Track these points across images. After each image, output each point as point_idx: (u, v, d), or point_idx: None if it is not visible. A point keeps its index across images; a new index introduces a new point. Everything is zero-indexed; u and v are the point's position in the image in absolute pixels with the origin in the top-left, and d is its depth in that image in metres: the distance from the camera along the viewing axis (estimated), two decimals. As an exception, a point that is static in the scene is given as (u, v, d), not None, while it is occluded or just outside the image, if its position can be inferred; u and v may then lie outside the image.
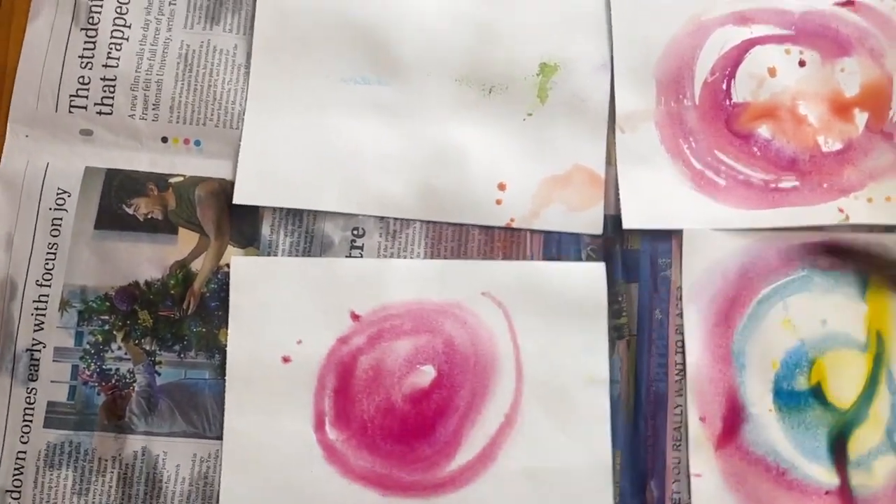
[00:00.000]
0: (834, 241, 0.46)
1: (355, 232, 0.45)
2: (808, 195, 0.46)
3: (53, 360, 0.43)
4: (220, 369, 0.43)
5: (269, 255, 0.44)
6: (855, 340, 0.45)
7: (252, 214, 0.45)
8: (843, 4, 0.49)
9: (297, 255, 0.44)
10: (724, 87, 0.47)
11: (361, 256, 0.45)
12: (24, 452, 0.42)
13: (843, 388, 0.45)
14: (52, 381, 0.43)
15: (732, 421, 0.44)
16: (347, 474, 0.42)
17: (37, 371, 0.43)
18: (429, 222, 0.45)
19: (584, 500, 0.43)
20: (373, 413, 0.43)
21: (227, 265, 0.44)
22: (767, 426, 0.44)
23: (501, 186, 0.46)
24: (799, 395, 0.45)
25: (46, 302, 0.43)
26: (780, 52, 0.48)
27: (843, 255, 0.46)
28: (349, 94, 0.46)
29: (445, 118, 0.46)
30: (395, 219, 0.45)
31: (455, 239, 0.45)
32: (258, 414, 0.43)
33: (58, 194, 0.44)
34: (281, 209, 0.45)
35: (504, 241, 0.45)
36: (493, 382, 0.44)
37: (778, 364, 0.45)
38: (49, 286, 0.43)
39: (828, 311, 0.45)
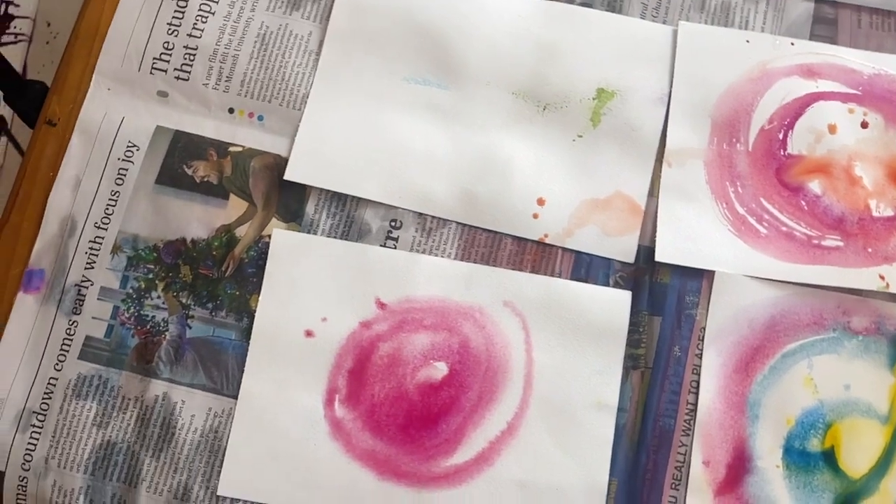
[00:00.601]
0: (871, 307, 0.44)
1: (393, 223, 0.46)
2: (850, 257, 0.45)
3: (98, 298, 0.45)
4: (246, 333, 0.45)
5: (309, 232, 0.46)
6: (876, 411, 0.44)
7: (299, 192, 0.46)
8: (916, 71, 0.48)
9: (335, 237, 0.46)
10: (781, 136, 0.47)
11: (395, 248, 0.46)
12: (56, 379, 0.45)
13: (857, 457, 0.43)
14: (93, 318, 0.45)
15: (737, 470, 0.43)
16: (348, 452, 0.43)
17: (81, 305, 0.45)
18: (464, 225, 0.46)
19: (573, 521, 0.43)
20: (382, 398, 0.44)
21: (269, 236, 0.46)
22: (772, 482, 0.43)
23: (540, 201, 0.46)
24: (810, 456, 0.43)
25: (101, 244, 0.46)
26: (844, 111, 0.47)
27: (877, 323, 0.45)
28: (408, 93, 0.48)
29: (497, 128, 0.47)
30: (433, 217, 0.46)
31: (487, 245, 0.46)
32: (274, 381, 0.44)
33: (127, 147, 0.47)
34: (327, 191, 0.46)
35: (535, 255, 0.46)
36: (502, 389, 0.44)
37: (793, 421, 0.44)
38: (106, 229, 0.46)
39: (853, 377, 0.44)
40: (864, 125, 0.47)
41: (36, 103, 0.61)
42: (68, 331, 0.45)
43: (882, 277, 0.45)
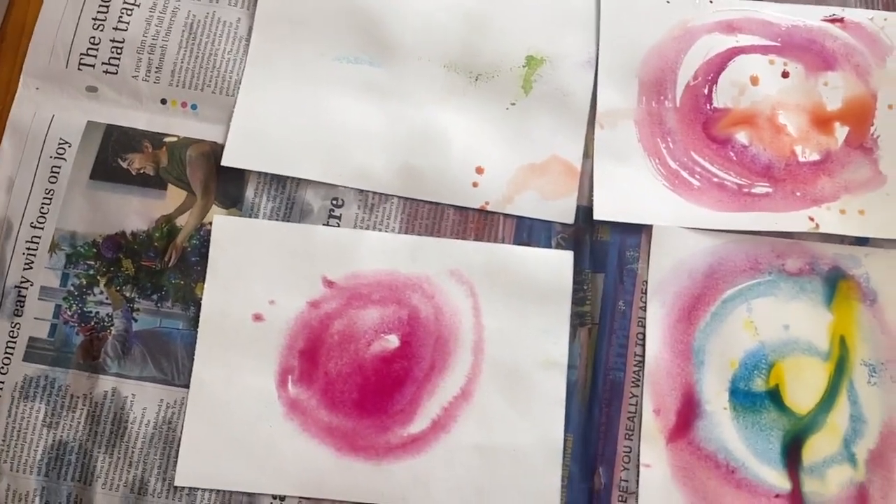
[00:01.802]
0: (803, 248, 0.45)
1: (334, 202, 0.46)
2: (780, 202, 0.46)
3: (39, 299, 0.44)
4: (194, 321, 0.44)
5: (250, 216, 0.45)
6: (816, 348, 0.44)
7: (238, 177, 0.46)
8: (831, 21, 0.49)
9: (277, 220, 0.45)
10: (706, 91, 0.48)
11: (339, 226, 0.45)
12: (2, 383, 0.43)
13: (802, 393, 0.44)
14: (35, 318, 0.44)
15: (686, 416, 0.44)
16: (305, 431, 0.43)
17: (22, 307, 0.44)
18: (406, 199, 0.46)
19: (533, 480, 0.42)
20: (335, 375, 0.44)
21: (210, 223, 0.45)
22: (721, 424, 0.44)
23: (479, 170, 0.46)
24: (755, 396, 0.44)
25: (38, 243, 0.45)
26: (765, 63, 0.48)
27: (811, 264, 0.45)
28: (341, 73, 0.47)
29: (431, 102, 0.47)
30: (374, 193, 0.46)
31: (430, 217, 0.46)
32: (225, 367, 0.43)
33: (59, 144, 0.46)
34: (266, 174, 0.46)
35: (477, 223, 0.46)
36: (454, 356, 0.44)
37: (737, 364, 0.44)
38: (42, 228, 0.45)
39: (791, 317, 0.45)
40: (785, 75, 0.48)
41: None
42: (11, 333, 0.44)
43: (812, 219, 0.46)
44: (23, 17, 0.48)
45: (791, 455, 0.43)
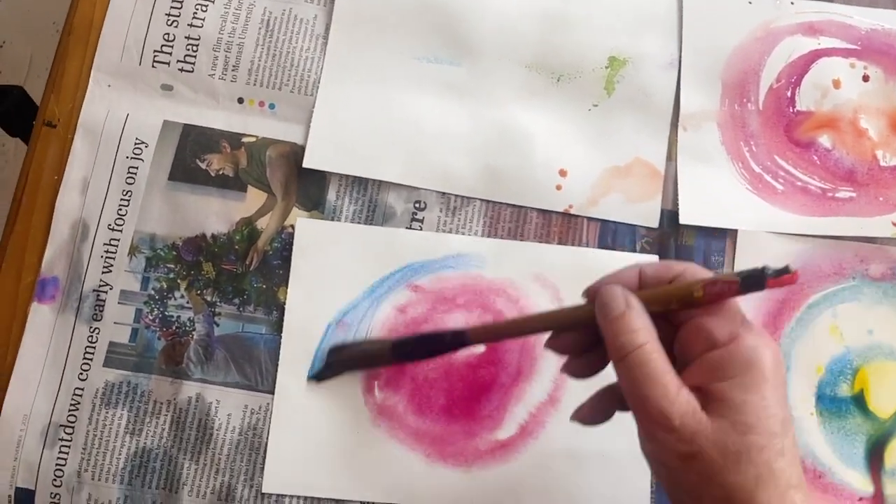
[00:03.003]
0: (886, 253, 0.45)
1: (417, 205, 0.45)
2: (863, 206, 0.46)
3: (118, 303, 0.43)
4: (277, 326, 0.43)
5: (332, 219, 0.44)
6: (900, 353, 0.44)
7: (319, 179, 0.44)
8: (910, 24, 0.48)
9: (359, 223, 0.44)
10: (789, 94, 0.47)
11: (421, 229, 0.44)
12: (82, 389, 0.42)
13: (885, 398, 0.44)
14: (115, 323, 0.42)
15: (773, 421, 0.43)
16: (393, 437, 0.42)
17: (102, 311, 0.43)
18: (488, 202, 0.45)
19: (623, 485, 0.42)
20: (421, 381, 0.43)
21: (292, 226, 0.44)
22: (808, 430, 0.43)
23: (562, 173, 0.45)
24: (841, 401, 0.44)
25: (117, 246, 0.43)
26: (846, 66, 0.47)
27: (893, 269, 0.45)
28: (421, 72, 0.46)
29: (512, 102, 0.46)
30: (456, 195, 0.45)
31: (513, 220, 0.45)
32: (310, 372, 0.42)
33: (135, 144, 0.44)
34: (347, 177, 0.44)
35: (561, 227, 0.45)
36: (541, 361, 0.43)
37: (823, 369, 0.44)
38: (120, 231, 0.43)
39: (875, 322, 0.44)
40: (866, 78, 0.47)
41: (15, 109, 0.58)
42: (90, 338, 0.42)
43: (895, 224, 0.45)
44: (91, 10, 0.46)
45: (874, 459, 0.43)
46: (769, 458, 0.28)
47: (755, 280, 0.30)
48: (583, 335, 0.34)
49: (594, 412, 0.35)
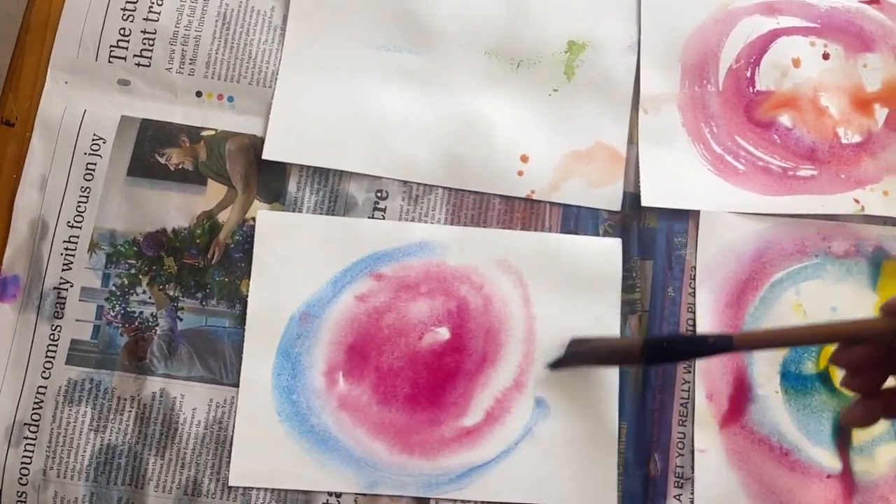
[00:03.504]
0: (849, 230, 0.45)
1: (379, 194, 0.44)
2: (825, 184, 0.45)
3: (80, 300, 0.42)
4: (240, 319, 0.42)
5: (294, 211, 0.44)
6: (864, 329, 0.44)
7: (280, 171, 0.44)
8: (868, 2, 0.48)
9: (321, 214, 0.44)
10: (749, 74, 0.47)
11: (384, 218, 0.44)
12: (45, 388, 0.42)
13: (850, 375, 0.44)
14: (76, 320, 0.42)
15: (739, 400, 0.43)
16: (358, 427, 0.42)
17: (63, 309, 0.42)
18: (451, 189, 0.45)
19: (589, 469, 0.42)
20: (385, 370, 0.42)
21: (253, 219, 0.43)
22: (773, 407, 0.43)
23: (524, 158, 0.45)
24: (806, 378, 0.44)
25: (76, 243, 0.43)
26: (805, 44, 0.47)
27: (856, 245, 0.45)
28: (380, 61, 0.46)
29: (473, 89, 0.46)
30: (419, 184, 0.45)
31: (476, 207, 0.45)
32: (274, 365, 0.42)
33: (93, 140, 0.44)
34: (308, 167, 0.44)
35: (523, 212, 0.45)
36: (505, 347, 0.43)
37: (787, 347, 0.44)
38: (80, 228, 0.43)
39: (838, 299, 0.44)
40: (826, 56, 0.47)
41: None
42: (52, 336, 0.42)
43: (857, 201, 0.45)
44: (47, 6, 0.46)
45: (841, 436, 0.43)
46: None
47: None
48: (871, 350, 0.33)
49: (866, 415, 0.34)
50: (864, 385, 0.34)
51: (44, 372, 0.42)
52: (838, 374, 0.44)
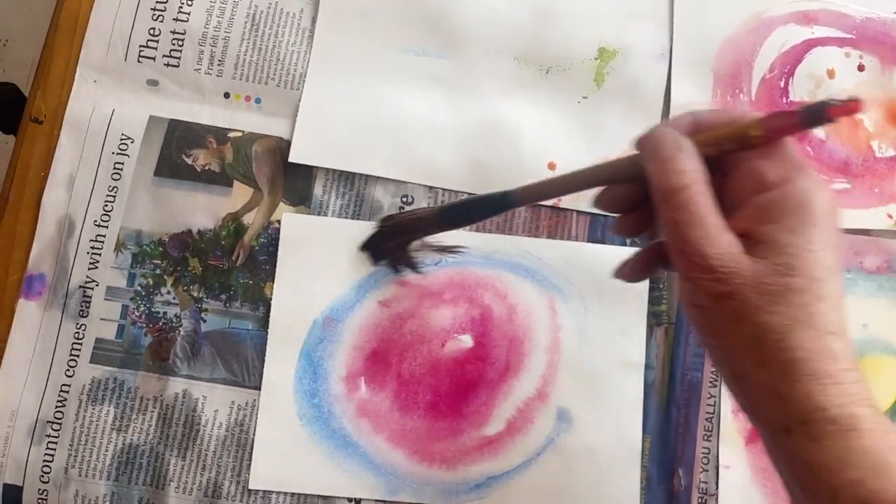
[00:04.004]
0: (881, 246, 0.44)
1: (404, 199, 0.44)
2: (858, 198, 0.45)
3: (105, 299, 0.42)
4: (264, 322, 0.42)
5: (319, 214, 0.44)
6: (894, 347, 0.43)
7: (306, 174, 0.44)
8: (906, 12, 0.47)
9: (346, 218, 0.44)
10: (782, 84, 0.46)
11: (408, 224, 0.44)
12: (69, 386, 0.42)
13: (880, 392, 0.43)
14: (101, 319, 0.42)
15: (765, 416, 0.42)
16: (379, 433, 0.41)
17: (88, 308, 0.42)
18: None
19: (612, 481, 0.41)
20: (408, 377, 0.42)
21: (278, 221, 0.43)
22: (800, 425, 0.42)
23: (551, 166, 0.44)
24: (834, 396, 0.43)
25: (103, 242, 0.43)
26: (840, 55, 0.46)
27: (888, 262, 0.44)
28: (408, 65, 0.45)
29: (501, 95, 0.45)
30: (444, 189, 0.44)
31: (502, 214, 0.44)
32: (296, 368, 0.42)
33: (121, 140, 0.44)
34: (334, 171, 0.44)
35: (550, 220, 0.44)
36: (529, 356, 0.42)
37: (815, 364, 0.43)
38: (106, 227, 0.43)
39: (870, 315, 0.43)
40: (861, 68, 0.46)
41: (7, 106, 0.58)
42: (77, 335, 0.42)
43: (890, 216, 0.44)
44: (77, 6, 0.46)
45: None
46: (807, 301, 0.27)
47: (817, 112, 0.27)
48: (632, 190, 0.32)
49: (636, 269, 0.34)
50: (629, 227, 0.34)
51: (68, 370, 0.42)
52: (868, 393, 0.43)
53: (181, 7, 0.45)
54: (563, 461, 0.41)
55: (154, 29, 0.45)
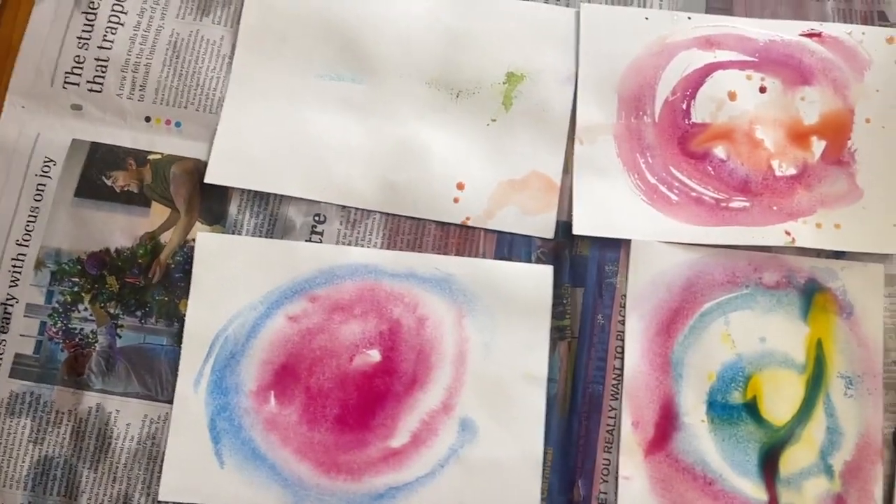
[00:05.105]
0: (780, 262, 0.45)
1: (317, 218, 0.45)
2: (757, 216, 0.46)
3: (24, 315, 0.44)
4: (178, 337, 0.43)
5: (234, 233, 0.45)
6: (793, 361, 0.44)
7: (221, 194, 0.45)
8: (809, 35, 0.49)
9: (260, 236, 0.45)
10: (684, 106, 0.47)
11: (321, 242, 0.45)
12: (-11, 399, 0.43)
13: (778, 406, 0.44)
14: (20, 335, 0.44)
15: (664, 428, 0.43)
16: (286, 446, 0.42)
17: (8, 324, 0.44)
18: (388, 214, 0.46)
19: (513, 492, 0.42)
20: (315, 391, 0.43)
21: (194, 240, 0.45)
22: (699, 436, 0.43)
23: (460, 186, 0.46)
24: (732, 408, 0.44)
25: (23, 260, 0.44)
26: (742, 78, 0.48)
27: (787, 277, 0.45)
28: (323, 90, 0.47)
29: (413, 118, 0.47)
30: (356, 209, 0.46)
31: (412, 232, 0.46)
32: (208, 383, 0.43)
33: (44, 162, 0.45)
34: (248, 191, 0.45)
35: (458, 238, 0.46)
36: (435, 369, 0.44)
37: (714, 376, 0.44)
38: (27, 246, 0.44)
39: (768, 330, 0.44)
40: (763, 90, 0.48)
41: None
42: (-4, 350, 0.43)
43: (788, 233, 0.45)
44: (8, 35, 0.47)
45: (768, 467, 0.43)
46: None
47: None
48: None
49: None
50: None
51: (-13, 384, 0.43)
52: (765, 404, 0.44)
53: (105, 35, 0.47)
54: (466, 472, 0.42)
55: (79, 56, 0.47)
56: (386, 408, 0.43)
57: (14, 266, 0.44)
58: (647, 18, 0.48)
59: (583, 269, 0.45)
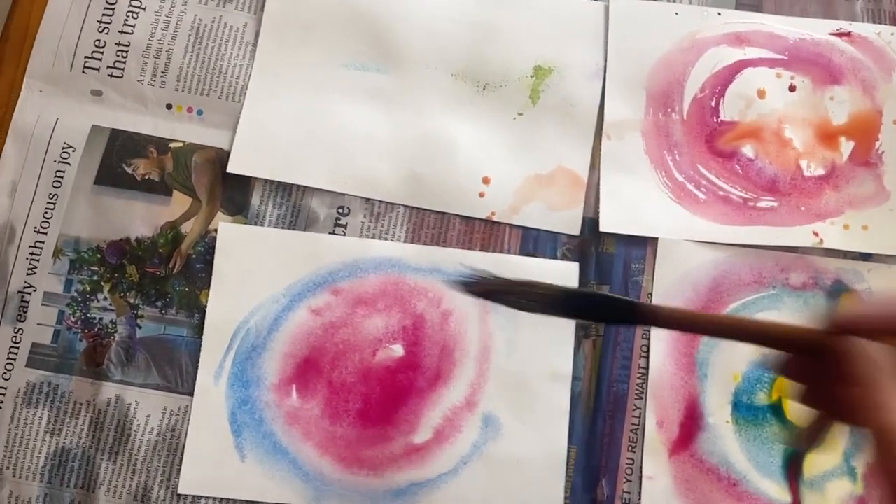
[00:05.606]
0: (807, 263, 0.45)
1: (340, 210, 0.45)
2: (784, 216, 0.45)
3: (42, 304, 0.43)
4: (199, 328, 0.43)
5: (256, 224, 0.44)
6: (819, 362, 0.44)
7: (244, 184, 0.45)
8: (838, 35, 0.48)
9: (282, 228, 0.44)
10: (713, 104, 0.47)
11: (344, 234, 0.44)
12: (4, 389, 0.42)
13: (804, 407, 0.43)
14: (38, 324, 0.43)
15: (689, 428, 0.43)
16: (307, 440, 0.42)
17: (25, 313, 0.43)
18: (412, 208, 0.45)
19: (536, 491, 0.42)
20: (337, 385, 0.43)
21: (215, 230, 0.44)
22: (723, 437, 0.43)
23: (486, 180, 0.45)
24: (757, 409, 0.43)
25: (42, 248, 0.43)
26: (772, 76, 0.47)
27: (814, 278, 0.45)
28: (348, 80, 0.46)
29: (438, 110, 0.46)
30: (380, 201, 0.45)
31: (436, 226, 0.45)
32: (228, 375, 0.42)
33: (63, 148, 0.44)
34: (271, 182, 0.45)
35: (483, 233, 0.45)
36: (459, 366, 0.43)
37: (740, 377, 0.44)
38: (46, 234, 0.44)
39: (794, 331, 0.44)
40: (792, 88, 0.47)
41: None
42: (14, 339, 0.43)
43: (816, 234, 0.45)
44: (26, 18, 0.46)
45: (792, 468, 0.43)
46: None
47: None
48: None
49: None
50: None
51: (4, 374, 0.42)
52: (790, 406, 0.43)
53: (126, 20, 0.46)
54: (489, 469, 0.42)
55: (99, 41, 0.46)
56: (409, 403, 0.43)
57: (32, 254, 0.43)
58: (676, 13, 0.47)
59: (609, 267, 0.45)
